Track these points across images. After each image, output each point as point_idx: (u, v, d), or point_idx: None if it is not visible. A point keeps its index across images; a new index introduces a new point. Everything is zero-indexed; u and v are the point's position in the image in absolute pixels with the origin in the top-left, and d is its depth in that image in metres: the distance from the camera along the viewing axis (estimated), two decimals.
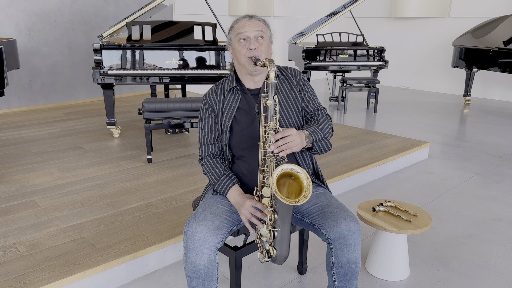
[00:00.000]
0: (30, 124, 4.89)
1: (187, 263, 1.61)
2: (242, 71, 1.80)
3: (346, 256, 1.66)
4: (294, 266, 2.36)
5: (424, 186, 3.57)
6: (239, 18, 1.80)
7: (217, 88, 1.86)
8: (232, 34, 1.79)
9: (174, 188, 3.06)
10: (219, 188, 1.79)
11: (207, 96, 1.86)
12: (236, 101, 1.80)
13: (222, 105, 1.82)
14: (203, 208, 1.72)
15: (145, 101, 3.55)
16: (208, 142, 1.85)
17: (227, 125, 1.79)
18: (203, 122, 1.86)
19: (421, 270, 2.35)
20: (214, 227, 1.63)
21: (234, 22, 1.80)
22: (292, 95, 1.84)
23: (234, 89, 1.82)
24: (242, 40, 1.73)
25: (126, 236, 2.36)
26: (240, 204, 1.69)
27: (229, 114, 1.80)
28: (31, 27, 5.60)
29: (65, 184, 3.11)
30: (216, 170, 1.82)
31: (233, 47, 1.79)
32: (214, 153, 1.85)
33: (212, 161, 1.84)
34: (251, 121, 1.79)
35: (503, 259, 2.47)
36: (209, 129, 1.85)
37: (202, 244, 1.59)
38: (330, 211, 1.71)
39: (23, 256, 2.15)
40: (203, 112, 1.86)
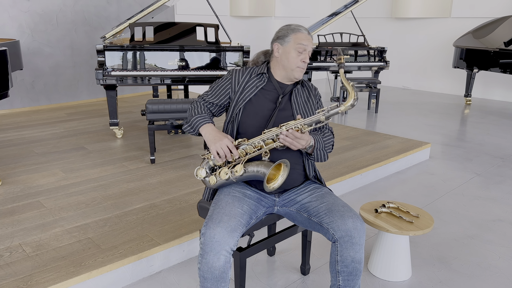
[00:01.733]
0: (33, 124, 4.91)
1: (203, 264, 1.63)
2: (280, 69, 1.93)
3: (351, 255, 1.71)
4: (297, 266, 2.39)
5: (426, 186, 3.60)
6: (297, 27, 1.91)
7: (245, 69, 1.98)
8: (291, 38, 1.88)
9: (178, 189, 3.08)
10: (197, 119, 1.89)
11: (234, 72, 1.97)
12: (260, 84, 1.93)
13: (245, 84, 1.94)
14: (218, 210, 1.74)
15: (148, 102, 3.57)
16: (211, 100, 1.98)
17: (245, 99, 1.90)
18: (217, 85, 1.98)
19: (422, 271, 2.38)
20: (231, 229, 1.66)
21: (295, 29, 1.89)
22: (310, 102, 1.99)
23: (263, 74, 1.95)
24: (300, 50, 1.87)
25: (131, 237, 2.39)
26: (218, 138, 1.79)
27: (248, 93, 1.91)
28: (33, 27, 5.62)
29: (69, 184, 3.13)
30: (201, 109, 1.94)
31: (286, 50, 1.89)
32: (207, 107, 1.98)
33: (202, 105, 1.97)
34: (269, 107, 1.90)
35: (504, 259, 2.49)
36: (217, 93, 1.97)
37: (220, 246, 1.61)
38: (337, 209, 1.76)
39: (30, 257, 2.18)
40: (224, 79, 1.98)
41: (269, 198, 1.92)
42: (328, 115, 1.74)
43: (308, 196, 1.89)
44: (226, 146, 1.77)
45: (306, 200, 1.88)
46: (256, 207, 1.85)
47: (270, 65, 1.98)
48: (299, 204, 1.90)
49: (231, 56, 4.39)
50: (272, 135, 1.76)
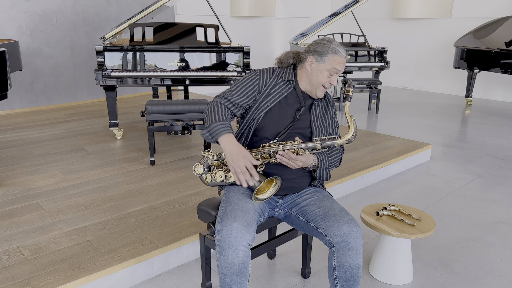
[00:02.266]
0: (33, 125, 4.89)
1: (222, 261, 1.62)
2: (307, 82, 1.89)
3: (348, 261, 1.69)
4: (298, 270, 2.37)
5: (427, 188, 3.58)
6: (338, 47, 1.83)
7: (273, 72, 1.93)
8: (329, 58, 1.81)
9: (177, 190, 3.07)
10: (218, 126, 1.79)
11: (262, 72, 1.91)
12: (285, 91, 1.89)
13: (271, 88, 1.89)
14: (231, 206, 1.73)
15: (148, 103, 3.55)
16: (235, 101, 1.88)
17: (268, 106, 1.86)
18: (242, 85, 1.89)
19: (424, 274, 2.36)
20: (247, 223, 1.65)
21: (335, 50, 1.82)
22: (328, 116, 1.97)
23: (290, 82, 1.91)
24: (332, 73, 1.83)
25: (130, 240, 2.37)
26: (237, 157, 1.72)
27: (273, 98, 1.87)
28: (33, 28, 5.60)
29: (68, 186, 3.11)
30: (223, 114, 1.83)
31: (320, 69, 1.83)
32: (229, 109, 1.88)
33: (225, 108, 1.86)
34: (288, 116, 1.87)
35: (506, 262, 2.48)
36: (243, 93, 1.88)
37: (238, 241, 1.60)
38: (333, 214, 1.75)
39: (28, 260, 2.16)
40: (250, 79, 1.90)
41: (273, 199, 1.93)
42: (325, 145, 1.76)
43: (307, 199, 1.89)
44: (244, 167, 1.72)
45: (305, 203, 1.87)
46: (263, 206, 1.87)
47: (298, 71, 1.93)
48: (298, 207, 1.89)
49: (231, 56, 4.37)
50: (269, 151, 1.77)
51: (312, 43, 1.89)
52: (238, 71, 4.36)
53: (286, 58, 1.96)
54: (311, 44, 1.88)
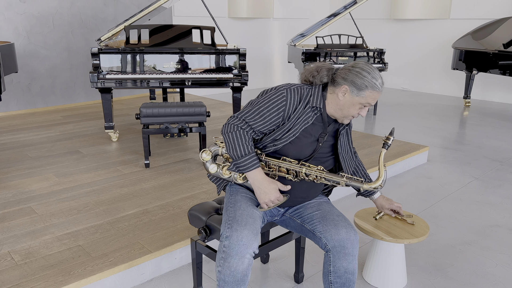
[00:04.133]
0: (29, 127, 4.88)
1: (225, 268, 1.57)
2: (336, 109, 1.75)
3: (344, 266, 1.68)
4: (291, 274, 2.35)
5: (423, 191, 3.56)
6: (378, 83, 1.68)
7: (299, 94, 1.74)
8: (366, 94, 1.67)
9: (171, 194, 3.05)
10: (246, 162, 1.67)
11: (289, 94, 1.72)
12: (311, 119, 1.75)
13: (298, 116, 1.73)
14: (240, 211, 1.68)
15: (143, 106, 3.54)
16: (255, 127, 1.71)
17: (295, 134, 1.73)
18: (266, 111, 1.70)
19: (418, 279, 2.34)
20: (256, 231, 1.63)
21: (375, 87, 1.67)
22: (348, 140, 1.90)
23: (318, 109, 1.76)
24: (364, 105, 1.72)
25: (122, 244, 2.35)
26: (268, 191, 1.69)
27: (298, 128, 1.73)
28: (29, 30, 5.59)
29: (62, 190, 3.10)
30: (248, 144, 1.69)
31: (353, 102, 1.70)
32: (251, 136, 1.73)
33: (246, 135, 1.70)
34: (312, 143, 1.78)
35: (501, 267, 2.46)
36: (267, 121, 1.71)
37: (246, 250, 1.57)
38: (331, 218, 1.74)
39: (18, 265, 2.14)
40: (275, 103, 1.70)
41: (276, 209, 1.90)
42: (349, 184, 1.71)
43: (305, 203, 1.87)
44: (277, 200, 1.71)
45: (302, 205, 1.86)
46: (265, 213, 1.85)
47: (327, 94, 1.76)
48: (293, 209, 1.87)
49: (228, 58, 4.36)
50: (289, 168, 1.72)
51: (350, 70, 1.70)
52: (234, 73, 4.34)
53: (320, 75, 1.76)
54: (348, 71, 1.70)
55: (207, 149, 1.82)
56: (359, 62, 1.71)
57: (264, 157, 1.75)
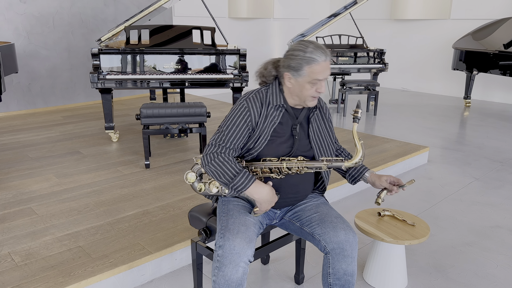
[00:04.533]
0: (29, 128, 4.88)
1: (220, 277, 1.56)
2: (294, 97, 1.75)
3: (343, 268, 1.68)
4: (291, 275, 2.35)
5: (423, 192, 3.56)
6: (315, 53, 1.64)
7: (259, 99, 1.75)
8: (305, 71, 1.65)
9: (172, 194, 3.05)
10: (240, 180, 1.64)
11: (250, 103, 1.73)
12: (278, 118, 1.75)
13: (265, 119, 1.73)
14: (232, 220, 1.68)
15: (143, 106, 3.54)
16: (231, 146, 1.71)
17: (266, 138, 1.73)
18: (235, 127, 1.71)
19: (419, 280, 2.34)
20: (249, 239, 1.62)
21: (311, 60, 1.64)
22: (325, 125, 1.88)
23: (280, 106, 1.76)
24: (314, 83, 1.68)
25: (122, 245, 2.35)
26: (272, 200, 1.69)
27: (269, 128, 1.74)
28: (30, 30, 5.59)
29: (62, 190, 3.09)
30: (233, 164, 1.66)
31: (300, 83, 1.68)
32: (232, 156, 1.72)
33: (228, 156, 1.68)
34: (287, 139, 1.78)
35: (502, 268, 2.45)
36: (239, 135, 1.71)
37: (240, 258, 1.56)
38: (330, 220, 1.73)
39: (18, 266, 2.14)
40: (240, 117, 1.71)
41: (271, 211, 1.89)
42: (331, 166, 1.70)
43: (303, 204, 1.86)
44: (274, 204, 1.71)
45: (300, 208, 1.85)
46: (262, 217, 1.83)
47: (283, 88, 1.76)
48: (292, 212, 1.87)
49: (228, 59, 4.35)
50: (271, 166, 1.72)
51: (285, 55, 1.71)
52: (234, 73, 4.34)
53: (268, 71, 1.78)
54: (284, 57, 1.71)
55: (190, 170, 1.81)
56: (294, 44, 1.70)
57: (244, 163, 1.75)
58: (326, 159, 1.71)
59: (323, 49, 1.66)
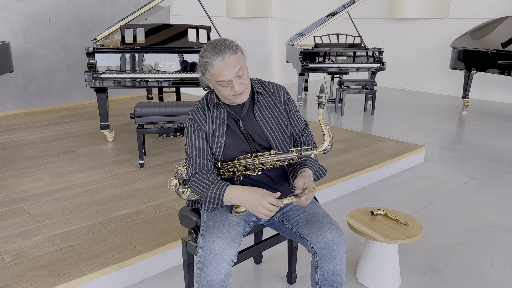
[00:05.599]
0: (25, 127, 4.86)
1: (203, 278, 1.55)
2: (222, 98, 1.75)
3: (331, 268, 1.66)
4: (283, 275, 2.33)
5: (419, 191, 3.54)
6: (209, 57, 1.61)
7: (201, 106, 1.79)
8: (207, 75, 1.66)
9: (165, 194, 3.03)
10: (214, 193, 1.65)
11: (194, 114, 1.78)
12: (223, 116, 1.76)
13: (212, 121, 1.75)
14: (213, 220, 1.68)
15: (137, 105, 3.52)
16: (201, 160, 1.73)
17: (222, 137, 1.74)
18: (192, 140, 1.75)
19: (412, 279, 2.32)
20: (230, 239, 1.60)
21: (206, 63, 1.62)
22: (277, 111, 1.83)
23: (217, 104, 1.77)
24: (224, 85, 1.65)
25: (114, 245, 2.33)
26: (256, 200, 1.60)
27: (219, 132, 1.75)
28: (26, 29, 5.57)
29: (55, 190, 3.08)
30: (208, 179, 1.69)
31: (213, 85, 1.69)
32: (206, 169, 1.73)
33: (202, 174, 1.71)
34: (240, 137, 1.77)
35: (496, 267, 2.44)
36: (200, 146, 1.74)
37: (221, 258, 1.55)
38: (316, 220, 1.71)
39: (8, 266, 2.12)
40: (191, 130, 1.76)
41: None
42: (301, 155, 1.68)
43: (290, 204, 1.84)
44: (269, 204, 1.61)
45: (288, 208, 1.83)
46: (248, 215, 1.81)
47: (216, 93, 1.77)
48: (281, 212, 1.85)
49: None
50: (245, 163, 1.72)
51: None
52: None
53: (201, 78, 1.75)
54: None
55: (172, 177, 1.81)
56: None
57: (220, 165, 1.76)
58: (296, 150, 1.69)
59: (219, 48, 1.61)
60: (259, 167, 1.71)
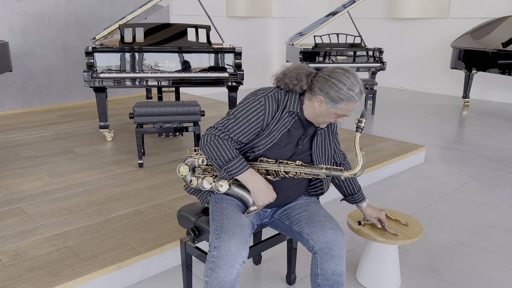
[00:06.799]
0: (23, 127, 4.85)
1: (213, 279, 1.53)
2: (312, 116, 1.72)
3: (332, 268, 1.65)
4: (283, 276, 2.32)
5: (420, 191, 3.52)
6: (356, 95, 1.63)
7: (277, 100, 1.70)
8: (342, 106, 1.63)
9: (164, 194, 3.01)
10: (237, 163, 1.62)
11: (267, 102, 1.68)
12: (289, 124, 1.72)
13: (276, 122, 1.70)
14: (227, 220, 1.64)
15: (136, 105, 3.51)
16: (235, 138, 1.67)
17: (273, 141, 1.70)
18: (245, 120, 1.66)
19: (412, 280, 2.30)
20: (245, 240, 1.58)
21: (351, 99, 1.62)
22: (330, 141, 1.86)
23: (295, 114, 1.72)
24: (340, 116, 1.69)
25: (112, 245, 2.31)
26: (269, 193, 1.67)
27: (277, 134, 1.70)
28: (25, 29, 5.56)
29: (53, 190, 3.06)
30: (232, 149, 1.65)
31: (327, 110, 1.66)
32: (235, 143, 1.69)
33: (228, 142, 1.65)
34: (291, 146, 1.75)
35: (497, 268, 2.42)
36: (247, 130, 1.67)
37: (235, 260, 1.53)
38: (318, 219, 1.70)
39: (5, 267, 2.11)
40: (254, 112, 1.67)
41: (262, 210, 1.86)
42: (329, 174, 1.67)
43: (293, 202, 1.83)
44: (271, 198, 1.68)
45: (289, 206, 1.83)
46: (254, 217, 1.80)
47: (305, 99, 1.71)
48: (282, 210, 1.84)
49: (223, 57, 4.32)
50: (268, 168, 1.70)
51: (326, 80, 1.63)
52: (230, 72, 4.31)
53: (300, 84, 1.69)
54: (325, 81, 1.63)
55: (183, 163, 1.77)
56: (337, 70, 1.65)
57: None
58: (325, 167, 1.68)
59: (362, 89, 1.66)
60: (282, 174, 1.70)
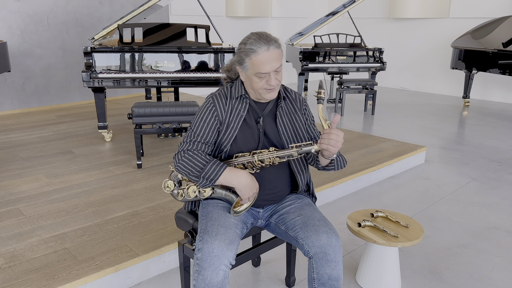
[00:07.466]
0: (22, 127, 4.82)
1: (200, 281, 1.52)
2: (250, 91, 1.74)
3: (328, 272, 1.62)
4: (282, 278, 2.29)
5: (420, 192, 3.50)
6: (255, 44, 1.61)
7: (224, 94, 1.75)
8: (248, 64, 1.64)
9: (162, 195, 2.99)
10: (213, 167, 1.61)
11: (215, 99, 1.73)
12: (244, 110, 1.73)
13: (230, 112, 1.73)
14: (211, 222, 1.64)
15: (135, 105, 3.48)
16: (203, 141, 1.71)
17: (235, 131, 1.72)
18: (203, 122, 1.71)
19: (413, 283, 2.28)
20: (229, 241, 1.57)
21: (250, 51, 1.61)
22: (297, 119, 1.83)
23: (242, 97, 1.74)
24: (261, 77, 1.64)
25: (109, 247, 2.29)
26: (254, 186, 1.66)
27: (235, 124, 1.72)
28: (24, 28, 5.53)
29: (51, 191, 3.04)
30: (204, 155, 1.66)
31: (248, 76, 1.67)
32: (203, 151, 1.70)
33: (199, 151, 1.68)
34: (254, 134, 1.75)
35: (498, 270, 2.40)
36: (208, 130, 1.71)
37: (219, 261, 1.52)
38: (312, 224, 1.68)
39: (2, 269, 2.09)
40: (206, 112, 1.72)
41: (254, 210, 1.84)
42: (301, 151, 1.64)
43: (287, 206, 1.81)
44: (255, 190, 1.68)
45: (285, 211, 1.80)
46: (245, 217, 1.78)
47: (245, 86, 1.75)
48: (278, 215, 1.81)
49: (223, 57, 4.30)
50: (244, 161, 1.69)
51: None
52: None
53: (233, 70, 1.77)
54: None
55: (167, 178, 1.76)
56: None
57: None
58: (295, 145, 1.66)
59: (265, 38, 1.62)
60: (257, 164, 1.68)
